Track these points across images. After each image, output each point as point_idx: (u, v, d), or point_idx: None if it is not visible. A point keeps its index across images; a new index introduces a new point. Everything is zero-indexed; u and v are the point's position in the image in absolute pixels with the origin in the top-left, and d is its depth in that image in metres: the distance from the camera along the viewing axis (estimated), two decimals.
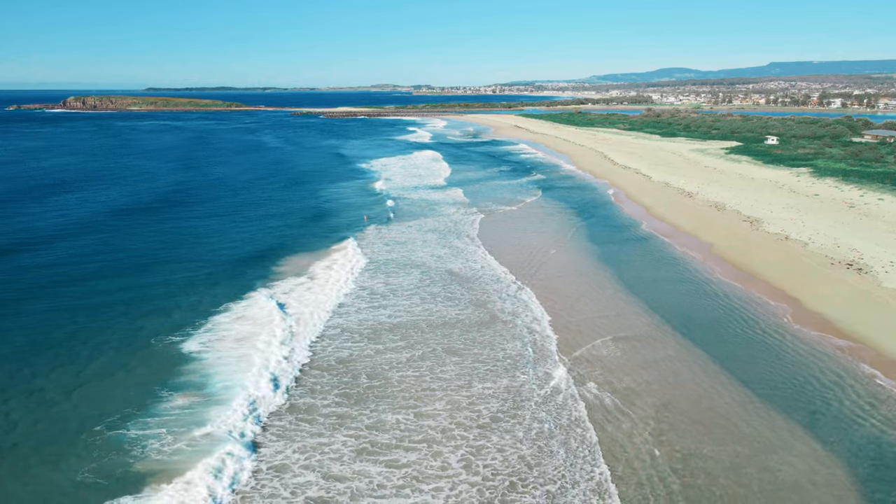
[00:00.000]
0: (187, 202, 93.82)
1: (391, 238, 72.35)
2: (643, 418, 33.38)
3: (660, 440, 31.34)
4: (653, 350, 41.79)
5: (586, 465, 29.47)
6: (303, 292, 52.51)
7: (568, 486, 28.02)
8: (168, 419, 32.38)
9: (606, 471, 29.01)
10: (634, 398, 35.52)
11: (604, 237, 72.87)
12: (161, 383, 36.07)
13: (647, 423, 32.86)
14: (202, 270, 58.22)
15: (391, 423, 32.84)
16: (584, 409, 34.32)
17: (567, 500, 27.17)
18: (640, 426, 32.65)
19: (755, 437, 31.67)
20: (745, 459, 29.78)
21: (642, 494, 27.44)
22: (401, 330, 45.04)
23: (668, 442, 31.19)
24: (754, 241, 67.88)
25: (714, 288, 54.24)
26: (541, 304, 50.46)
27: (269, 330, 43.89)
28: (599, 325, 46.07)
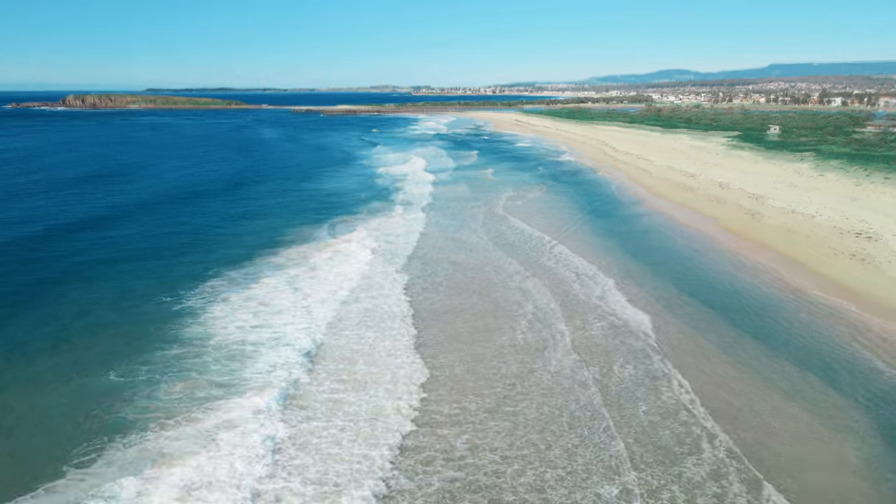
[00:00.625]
0: (203, 195, 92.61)
1: (398, 227, 71.14)
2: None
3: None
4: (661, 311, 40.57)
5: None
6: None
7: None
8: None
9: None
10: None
11: (606, 213, 71.57)
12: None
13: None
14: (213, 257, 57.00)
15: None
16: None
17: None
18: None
19: (772, 387, 30.35)
20: (763, 405, 28.49)
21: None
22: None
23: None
24: (758, 214, 66.58)
25: (720, 256, 52.90)
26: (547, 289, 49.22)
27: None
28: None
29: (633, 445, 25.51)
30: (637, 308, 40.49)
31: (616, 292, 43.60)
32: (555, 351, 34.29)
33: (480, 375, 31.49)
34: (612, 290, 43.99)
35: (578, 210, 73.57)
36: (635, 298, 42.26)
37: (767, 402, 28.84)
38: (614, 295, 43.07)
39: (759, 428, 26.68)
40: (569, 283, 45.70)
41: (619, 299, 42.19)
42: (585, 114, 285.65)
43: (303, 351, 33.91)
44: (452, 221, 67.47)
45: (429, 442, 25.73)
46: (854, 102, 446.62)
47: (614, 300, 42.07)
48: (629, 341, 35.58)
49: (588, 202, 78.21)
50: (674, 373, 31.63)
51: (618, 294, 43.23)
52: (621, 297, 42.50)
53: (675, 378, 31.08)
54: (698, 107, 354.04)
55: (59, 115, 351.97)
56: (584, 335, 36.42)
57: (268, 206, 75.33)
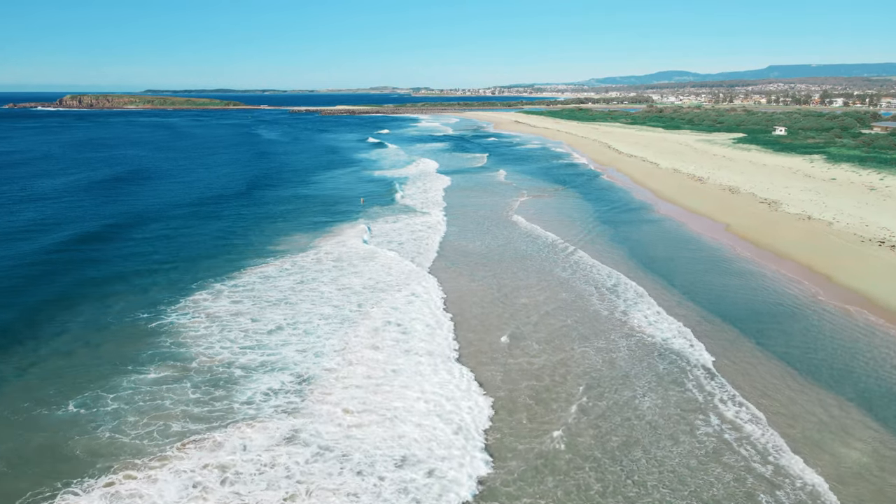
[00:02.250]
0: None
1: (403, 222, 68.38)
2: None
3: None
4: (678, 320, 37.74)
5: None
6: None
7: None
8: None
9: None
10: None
11: (613, 219, 68.77)
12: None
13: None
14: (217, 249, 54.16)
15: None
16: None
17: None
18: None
19: (805, 415, 27.53)
20: (795, 435, 25.67)
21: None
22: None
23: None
24: (774, 221, 63.82)
25: (737, 266, 50.11)
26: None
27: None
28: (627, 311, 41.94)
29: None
30: (662, 328, 37.68)
31: (638, 310, 40.79)
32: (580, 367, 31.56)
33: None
34: (634, 307, 41.20)
35: (588, 216, 70.76)
36: (656, 315, 39.46)
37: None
38: (637, 312, 40.27)
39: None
40: (587, 298, 42.94)
41: (642, 317, 39.39)
42: (586, 114, 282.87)
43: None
44: (471, 231, 64.67)
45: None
46: (856, 103, 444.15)
47: (639, 318, 39.26)
48: (668, 367, 32.77)
49: (596, 207, 75.43)
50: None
51: (639, 311, 40.42)
52: (643, 314, 39.70)
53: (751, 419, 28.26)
54: (699, 107, 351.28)
55: (56, 115, 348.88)
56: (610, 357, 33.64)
57: (277, 213, 72.70)
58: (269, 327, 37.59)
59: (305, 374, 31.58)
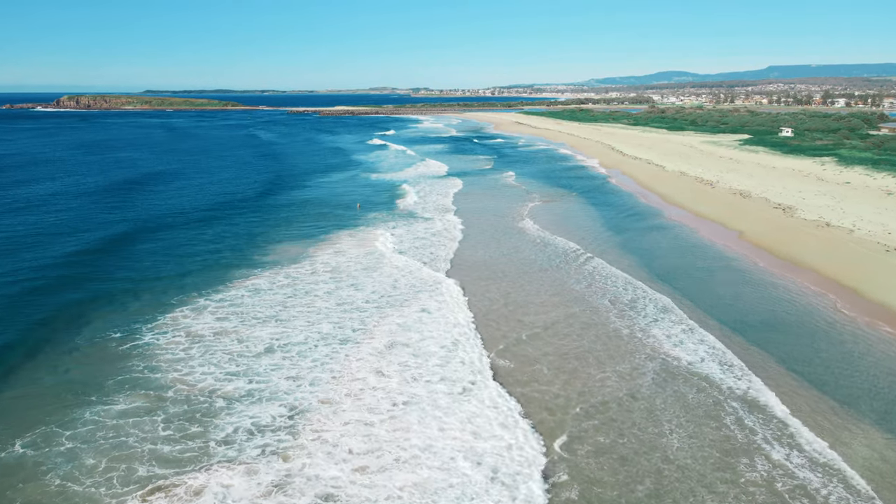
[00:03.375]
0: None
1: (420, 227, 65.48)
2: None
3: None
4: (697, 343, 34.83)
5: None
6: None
7: None
8: None
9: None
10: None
11: (621, 225, 65.87)
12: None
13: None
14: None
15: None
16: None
17: None
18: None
19: (870, 460, 24.60)
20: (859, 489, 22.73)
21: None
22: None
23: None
24: (791, 228, 60.89)
25: (756, 278, 47.19)
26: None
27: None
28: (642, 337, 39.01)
29: None
30: (688, 349, 34.77)
31: (658, 328, 37.87)
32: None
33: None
34: (654, 324, 38.28)
35: (597, 223, 67.86)
36: (679, 335, 36.54)
37: None
38: (657, 330, 37.35)
39: None
40: (604, 314, 40.01)
41: (664, 336, 36.45)
42: (587, 115, 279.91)
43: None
44: (478, 239, 61.75)
45: None
46: (858, 103, 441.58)
47: (661, 337, 36.33)
48: (698, 397, 29.84)
49: (605, 213, 72.53)
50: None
51: (660, 330, 37.50)
52: (664, 333, 36.78)
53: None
54: (701, 108, 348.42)
55: (53, 116, 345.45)
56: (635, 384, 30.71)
57: (269, 220, 69.76)
58: (258, 349, 34.63)
59: (299, 405, 28.46)
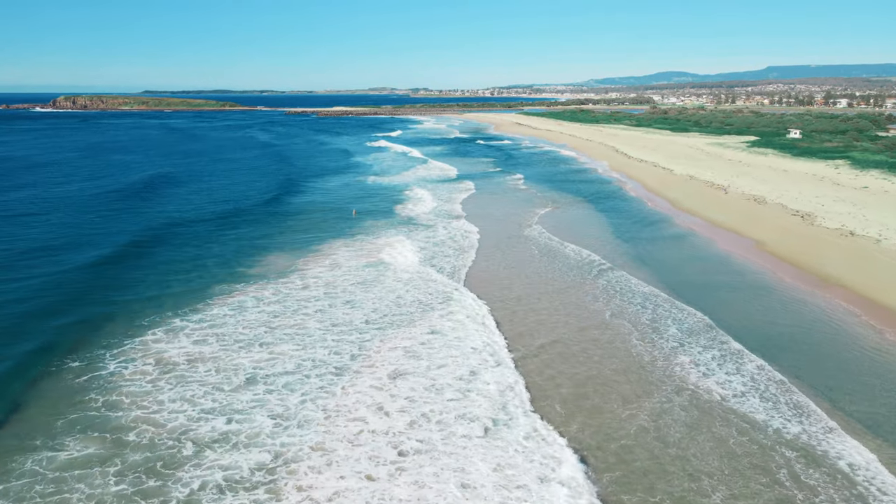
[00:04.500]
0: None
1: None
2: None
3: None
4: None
5: None
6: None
7: None
8: None
9: None
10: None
11: (631, 233, 62.28)
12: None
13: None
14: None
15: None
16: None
17: None
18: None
19: None
20: None
21: None
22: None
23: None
24: (812, 237, 57.34)
25: (782, 295, 43.64)
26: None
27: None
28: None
29: None
30: (720, 380, 31.22)
31: (685, 354, 34.32)
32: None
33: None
34: (680, 350, 34.73)
35: (607, 232, 64.22)
36: (709, 363, 32.99)
37: None
38: (684, 356, 33.80)
39: None
40: (626, 338, 36.44)
41: (691, 365, 32.92)
42: (588, 115, 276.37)
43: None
44: (484, 249, 58.17)
45: None
46: (860, 104, 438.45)
47: (688, 366, 32.79)
48: (741, 442, 26.27)
49: (614, 220, 68.84)
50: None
51: (687, 356, 33.96)
52: (691, 360, 33.24)
53: None
54: (703, 108, 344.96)
55: (49, 117, 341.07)
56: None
57: (257, 230, 66.10)
58: (238, 380, 31.02)
59: (283, 453, 24.75)
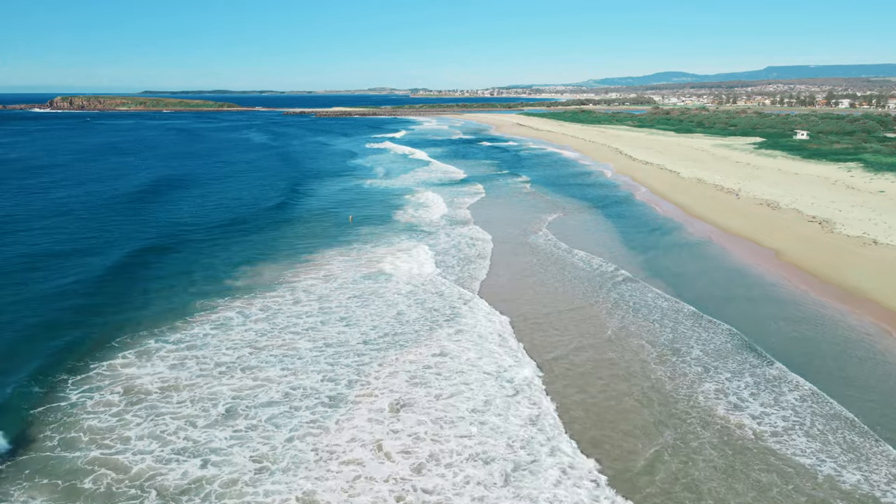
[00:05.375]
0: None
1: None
2: None
3: None
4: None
5: None
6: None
7: None
8: None
9: None
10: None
11: (643, 242, 59.13)
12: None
13: None
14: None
15: None
16: None
17: None
18: None
19: None
20: None
21: None
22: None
23: None
24: (833, 246, 54.20)
25: (808, 311, 40.52)
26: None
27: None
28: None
29: None
30: (754, 412, 28.11)
31: (711, 381, 31.21)
32: None
33: None
34: (707, 376, 31.61)
35: (618, 240, 61.14)
36: (738, 392, 29.89)
37: None
38: (709, 383, 30.69)
39: None
40: (644, 361, 33.32)
41: (716, 393, 29.81)
42: (590, 116, 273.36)
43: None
44: (490, 259, 55.04)
45: None
46: (863, 104, 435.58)
47: (713, 394, 29.69)
48: (786, 492, 23.14)
49: (624, 227, 65.78)
50: None
51: (713, 383, 30.85)
52: (717, 388, 30.13)
53: None
54: (705, 109, 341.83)
55: (46, 118, 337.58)
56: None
57: (247, 237, 62.93)
58: (217, 412, 27.90)
59: None
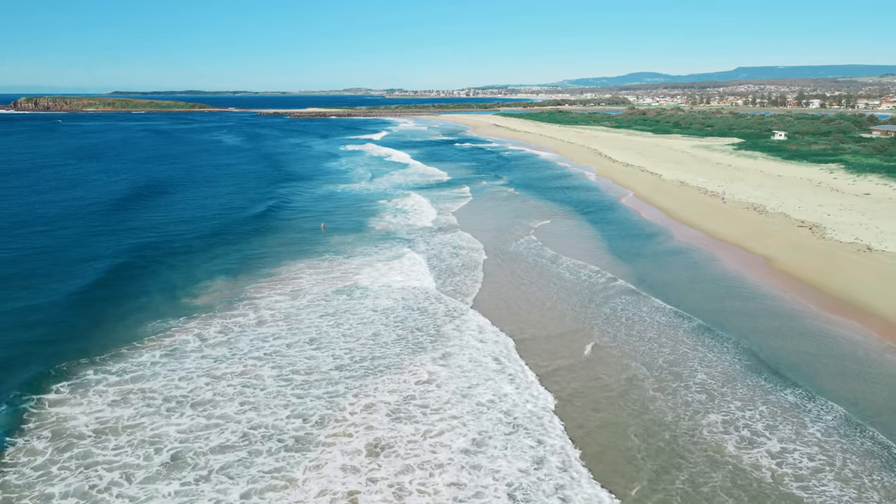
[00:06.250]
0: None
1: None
2: None
3: None
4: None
5: None
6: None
7: None
8: None
9: None
10: None
11: (630, 249, 56.38)
12: None
13: None
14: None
15: None
16: None
17: None
18: None
19: None
20: None
21: None
22: None
23: None
24: (826, 253, 51.97)
25: (807, 325, 38.02)
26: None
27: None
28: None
29: None
30: (771, 448, 25.20)
31: (717, 412, 28.30)
32: None
33: None
34: (712, 405, 28.69)
35: (602, 247, 58.38)
36: (748, 422, 27.00)
37: None
38: (714, 415, 27.76)
39: None
40: (640, 385, 30.28)
41: (723, 424, 26.88)
42: (567, 117, 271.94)
43: None
44: (471, 273, 51.62)
45: None
46: (833, 104, 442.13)
47: (720, 427, 26.75)
48: None
49: (608, 233, 63.11)
50: None
51: (718, 411, 27.93)
52: (724, 419, 27.21)
53: None
54: (680, 109, 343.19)
55: (7, 119, 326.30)
56: None
57: (207, 247, 58.74)
58: (160, 459, 24.24)
59: None
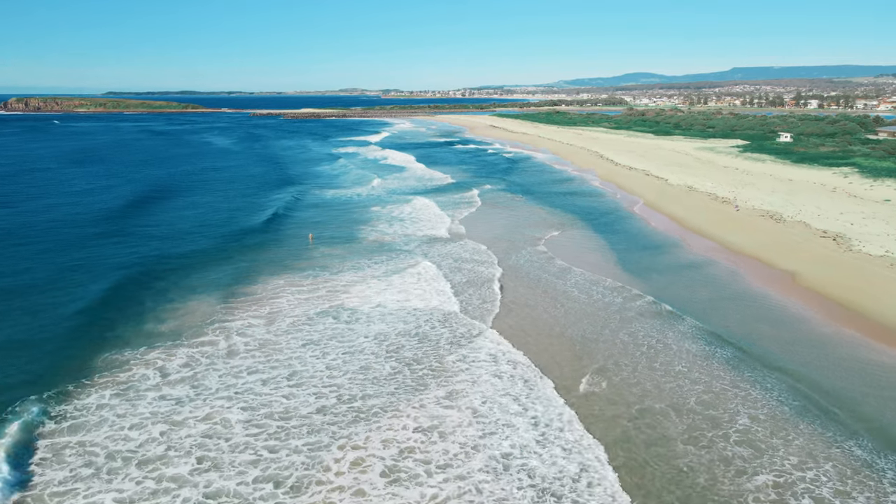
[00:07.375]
0: None
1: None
2: None
3: None
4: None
5: None
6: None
7: None
8: None
9: None
10: None
11: (642, 263, 51.91)
12: None
13: None
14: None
15: None
16: None
17: None
18: None
19: None
20: None
21: None
22: None
23: None
24: (856, 268, 47.63)
25: (859, 355, 33.66)
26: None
27: None
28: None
29: None
30: None
31: (763, 466, 23.86)
32: None
33: None
34: (756, 461, 24.25)
35: (614, 262, 53.94)
36: (804, 484, 22.58)
37: None
38: (765, 476, 23.31)
39: None
40: (668, 433, 25.82)
41: (791, 494, 22.43)
42: (564, 117, 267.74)
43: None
44: (473, 289, 47.12)
45: None
46: (831, 105, 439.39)
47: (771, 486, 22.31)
48: None
49: (618, 245, 58.60)
50: None
51: (772, 471, 23.49)
52: (772, 479, 22.76)
53: None
54: (679, 110, 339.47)
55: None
56: None
57: (178, 261, 54.00)
58: None
59: None
